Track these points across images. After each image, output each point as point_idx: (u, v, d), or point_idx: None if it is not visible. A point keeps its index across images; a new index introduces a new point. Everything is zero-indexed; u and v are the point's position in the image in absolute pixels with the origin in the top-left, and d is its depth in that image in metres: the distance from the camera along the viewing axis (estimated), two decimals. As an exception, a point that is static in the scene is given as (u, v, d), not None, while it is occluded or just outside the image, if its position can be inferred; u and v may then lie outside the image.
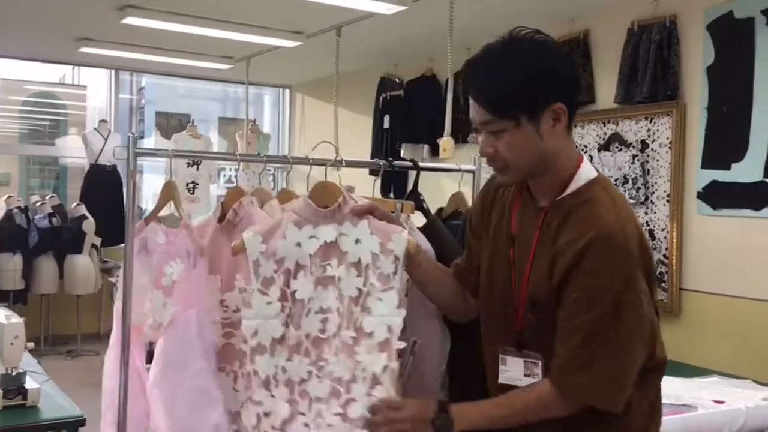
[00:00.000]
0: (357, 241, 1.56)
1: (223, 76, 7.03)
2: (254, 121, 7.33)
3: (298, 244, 1.55)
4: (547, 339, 1.41)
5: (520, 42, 1.39)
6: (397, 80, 6.07)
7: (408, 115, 5.80)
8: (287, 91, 7.91)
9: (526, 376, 1.45)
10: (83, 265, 6.18)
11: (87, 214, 6.17)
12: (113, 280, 6.21)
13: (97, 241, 6.30)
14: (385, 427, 1.42)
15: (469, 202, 2.01)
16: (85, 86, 8.44)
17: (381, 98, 6.12)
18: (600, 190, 1.43)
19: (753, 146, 3.62)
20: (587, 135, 4.47)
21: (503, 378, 1.48)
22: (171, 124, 8.63)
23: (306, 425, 1.50)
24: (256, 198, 1.69)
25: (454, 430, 1.40)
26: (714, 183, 3.80)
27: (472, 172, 2.06)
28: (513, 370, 1.47)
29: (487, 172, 2.07)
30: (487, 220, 1.57)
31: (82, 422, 2.34)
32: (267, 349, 1.51)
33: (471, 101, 1.42)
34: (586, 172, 1.44)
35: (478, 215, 1.61)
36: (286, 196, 1.79)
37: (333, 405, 1.50)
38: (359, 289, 1.55)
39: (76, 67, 8.15)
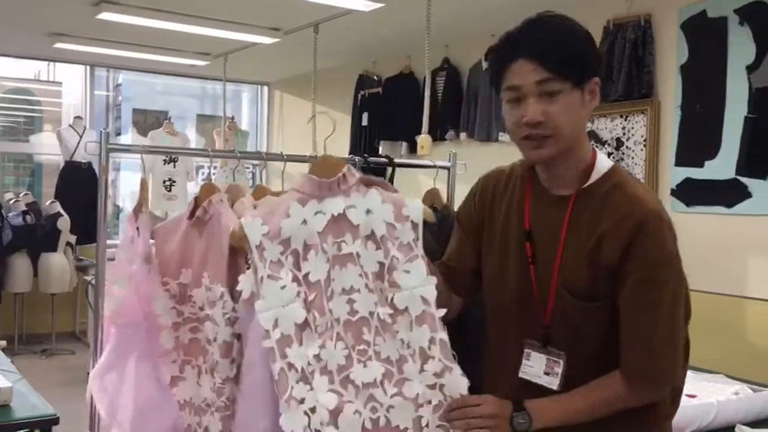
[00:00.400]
0: (368, 211, 1.46)
1: (201, 72, 6.99)
2: (232, 119, 7.30)
3: (304, 222, 1.43)
4: (583, 329, 1.40)
5: (560, 16, 1.41)
6: (375, 78, 6.08)
7: (386, 112, 5.81)
8: (265, 88, 7.88)
9: (546, 374, 1.43)
10: (58, 263, 6.12)
11: (62, 211, 6.11)
12: (88, 278, 6.15)
13: (72, 239, 6.23)
14: (461, 422, 1.39)
15: (444, 198, 2.02)
16: (61, 83, 8.35)
17: (359, 95, 6.12)
18: (626, 175, 1.45)
19: (726, 144, 3.68)
20: (564, 133, 4.51)
21: (524, 373, 1.46)
22: (148, 121, 8.56)
23: (357, 412, 1.38)
24: (229, 195, 1.68)
25: (533, 427, 1.38)
26: (688, 180, 3.85)
27: (447, 168, 2.07)
28: (535, 366, 1.44)
29: (461, 169, 2.08)
30: (489, 219, 1.54)
31: (55, 421, 2.31)
32: (293, 339, 1.37)
33: (520, 63, 1.36)
34: (605, 161, 1.46)
35: (475, 216, 1.57)
36: (261, 192, 1.78)
37: (388, 387, 1.40)
38: (381, 263, 1.44)
39: (52, 63, 8.05)
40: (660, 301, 1.35)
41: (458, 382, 1.43)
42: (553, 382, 1.42)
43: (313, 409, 1.35)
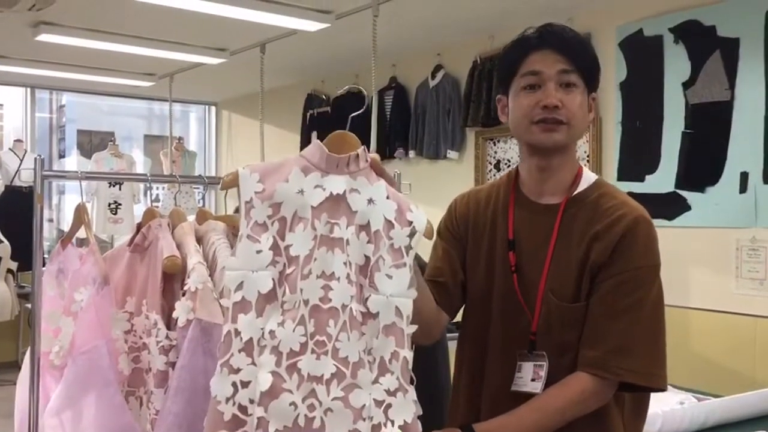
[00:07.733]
0: (370, 201, 1.35)
1: (146, 93, 6.89)
2: (180, 139, 7.21)
3: (301, 192, 1.34)
4: (565, 332, 1.41)
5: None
6: (323, 96, 6.08)
7: (335, 131, 5.79)
8: (213, 109, 7.81)
9: (532, 380, 1.43)
10: (-1, 291, 5.92)
11: (2, 237, 5.92)
12: (31, 306, 5.97)
13: (14, 265, 6.04)
14: None
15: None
16: (1, 105, 8.13)
17: (308, 115, 6.11)
18: (611, 186, 1.52)
19: (665, 158, 3.78)
20: (510, 150, 4.57)
21: (516, 385, 1.44)
22: (93, 142, 8.39)
23: (293, 404, 1.27)
24: (170, 220, 1.65)
25: None
26: (630, 194, 3.91)
27: (392, 188, 2.07)
28: (525, 375, 1.44)
29: (406, 189, 2.08)
30: (473, 232, 1.55)
31: (-7, 457, 2.23)
32: (252, 307, 1.28)
33: (544, 53, 1.44)
34: (589, 173, 1.53)
35: (457, 230, 1.58)
36: (202, 216, 1.76)
37: (333, 388, 1.29)
38: (367, 257, 1.34)
39: (-9, 85, 7.84)
40: (642, 302, 1.39)
41: (407, 408, 1.35)
42: (537, 387, 1.42)
43: (245, 383, 1.27)
